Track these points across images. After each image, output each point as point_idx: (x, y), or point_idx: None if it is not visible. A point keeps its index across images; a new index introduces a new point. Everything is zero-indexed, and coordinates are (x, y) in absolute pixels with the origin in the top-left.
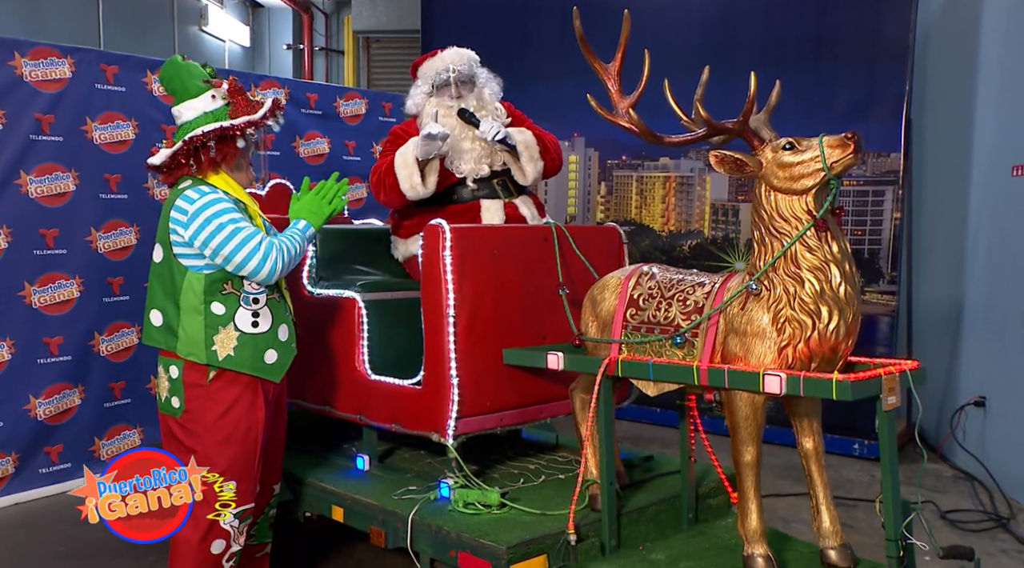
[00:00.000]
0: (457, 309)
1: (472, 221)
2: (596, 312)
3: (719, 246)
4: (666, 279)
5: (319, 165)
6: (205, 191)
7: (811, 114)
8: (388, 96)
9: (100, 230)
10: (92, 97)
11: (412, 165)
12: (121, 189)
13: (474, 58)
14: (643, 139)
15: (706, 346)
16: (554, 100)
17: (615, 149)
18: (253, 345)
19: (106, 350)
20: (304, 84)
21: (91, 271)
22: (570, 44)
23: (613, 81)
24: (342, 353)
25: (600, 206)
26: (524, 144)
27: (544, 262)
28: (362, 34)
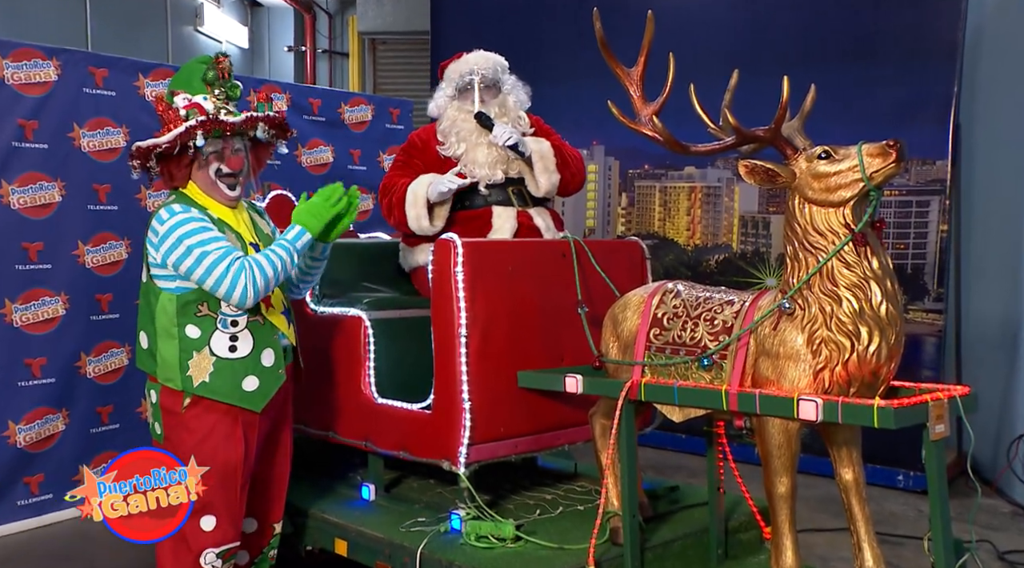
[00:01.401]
0: (469, 328)
1: (482, 228)
2: (617, 332)
3: (749, 261)
4: (692, 297)
5: (323, 175)
6: (176, 210)
7: (849, 119)
8: (396, 102)
9: (88, 244)
10: (80, 102)
11: (422, 207)
12: (111, 200)
13: (501, 63)
14: (668, 148)
15: (735, 369)
16: (571, 106)
17: (637, 158)
18: (231, 371)
19: (93, 372)
20: (306, 89)
21: (78, 287)
22: (589, 46)
23: (636, 86)
24: (347, 375)
25: (621, 219)
26: (539, 154)
27: (562, 279)
28: (368, 35)
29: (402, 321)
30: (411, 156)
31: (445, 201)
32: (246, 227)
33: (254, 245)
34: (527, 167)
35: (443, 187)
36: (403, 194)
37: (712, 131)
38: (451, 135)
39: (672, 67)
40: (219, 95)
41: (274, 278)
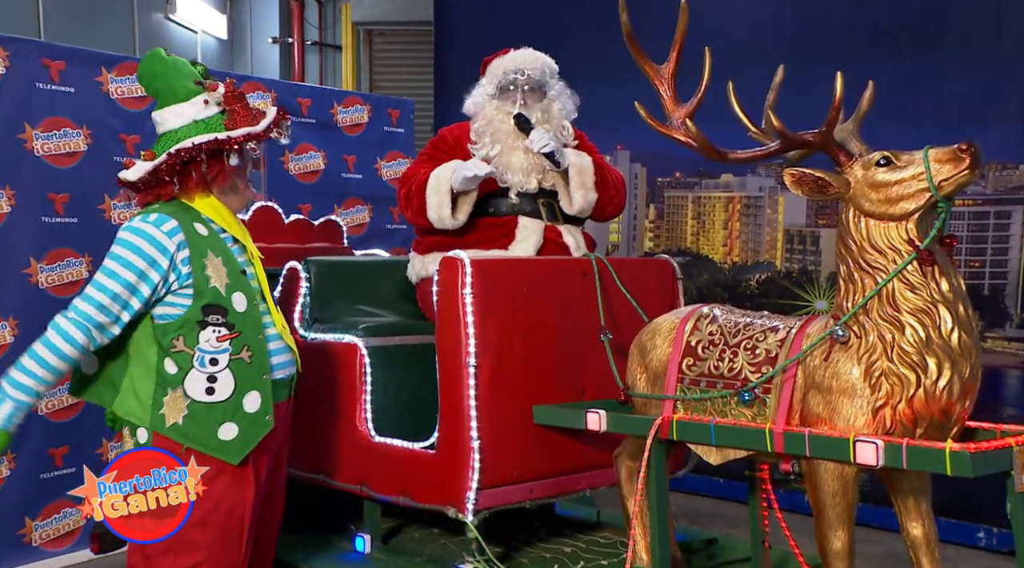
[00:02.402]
0: (479, 357)
1: (504, 237)
2: (646, 362)
3: (795, 281)
4: (730, 322)
5: (313, 184)
6: (150, 219)
7: (912, 119)
8: (395, 101)
9: (42, 261)
10: (32, 99)
11: (445, 194)
12: (70, 211)
13: (551, 66)
14: (703, 155)
15: (781, 405)
16: (592, 107)
17: (666, 164)
18: (207, 416)
19: (46, 408)
20: (294, 87)
21: (29, 311)
22: (613, 40)
23: (667, 86)
24: (340, 410)
25: (649, 233)
26: (578, 168)
27: (583, 301)
28: (363, 26)
29: (403, 349)
30: (440, 150)
31: (470, 192)
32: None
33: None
34: (563, 181)
35: (468, 172)
36: (424, 180)
37: (754, 135)
38: (486, 135)
39: (708, 63)
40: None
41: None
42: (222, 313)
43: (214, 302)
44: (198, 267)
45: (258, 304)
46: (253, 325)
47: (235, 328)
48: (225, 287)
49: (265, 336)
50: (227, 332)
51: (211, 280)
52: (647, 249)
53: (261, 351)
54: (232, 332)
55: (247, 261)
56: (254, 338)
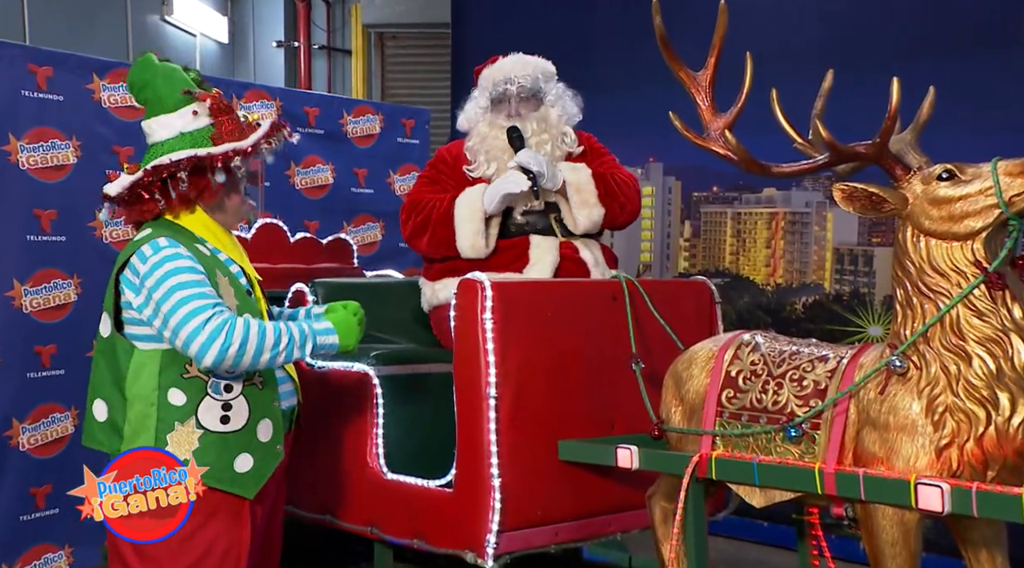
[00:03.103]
0: (500, 388)
1: (518, 260)
2: (681, 394)
3: (846, 305)
4: (774, 351)
5: (320, 199)
6: (162, 245)
7: (979, 129)
8: (409, 110)
9: (26, 283)
10: (17, 107)
11: (480, 222)
12: (57, 229)
13: (545, 69)
14: (744, 169)
15: (832, 442)
16: (622, 116)
17: (703, 178)
18: (221, 448)
19: (28, 442)
20: (301, 95)
21: (12, 337)
22: (646, 45)
23: (704, 94)
24: (350, 445)
25: (684, 252)
26: (575, 185)
27: (612, 327)
28: (375, 29)
29: (418, 378)
30: (439, 172)
31: (497, 215)
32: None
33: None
34: (565, 199)
35: (512, 188)
36: (448, 209)
37: (800, 147)
38: (480, 153)
39: (749, 69)
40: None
41: (256, 357)
42: None
43: None
44: (212, 287)
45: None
46: None
47: None
48: (235, 308)
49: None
50: None
51: (224, 300)
52: (682, 270)
53: (271, 376)
54: None
55: (249, 283)
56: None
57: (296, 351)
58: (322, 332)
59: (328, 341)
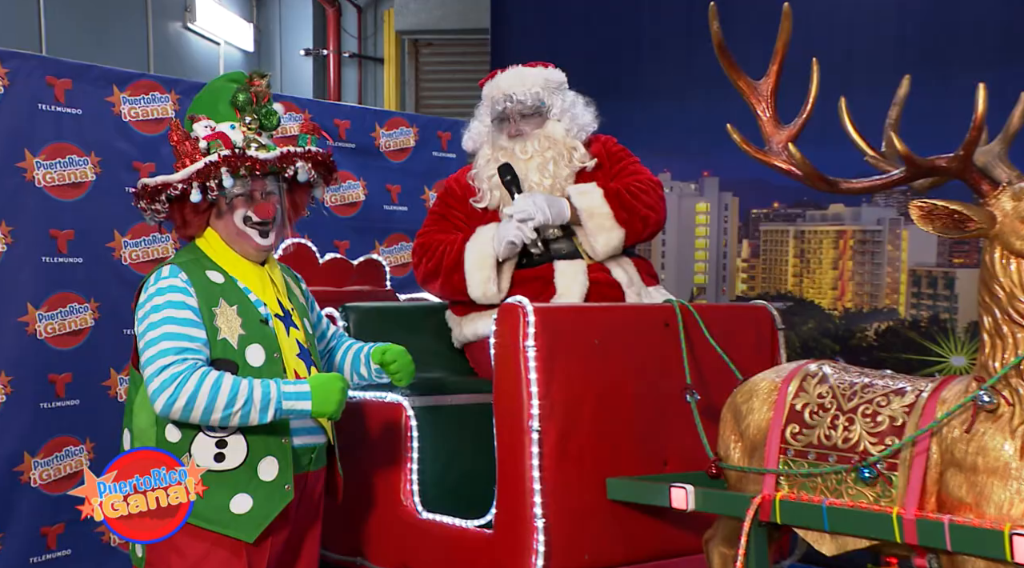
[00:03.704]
0: (543, 421)
1: (543, 290)
2: (741, 428)
3: (924, 333)
4: (844, 383)
5: (351, 217)
6: (162, 275)
7: None
8: (446, 122)
9: (41, 307)
10: (34, 122)
11: (491, 269)
12: (74, 250)
13: (549, 80)
14: (809, 185)
15: (911, 485)
16: (674, 127)
17: (763, 193)
18: (216, 487)
19: (40, 478)
20: (330, 106)
21: (25, 365)
22: (700, 51)
23: (765, 104)
24: (382, 481)
25: (742, 274)
26: (588, 211)
27: (665, 355)
28: (408, 35)
29: (455, 410)
30: (449, 206)
31: (512, 257)
32: (275, 293)
33: (280, 318)
34: (583, 229)
35: (509, 236)
36: (459, 254)
37: (872, 160)
38: (483, 181)
39: (816, 76)
40: (251, 124)
41: (205, 414)
42: (232, 369)
43: (223, 356)
44: (207, 318)
45: (280, 359)
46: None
47: None
48: (238, 339)
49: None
50: None
51: (220, 332)
52: (740, 293)
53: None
54: None
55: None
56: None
57: (255, 414)
58: (292, 396)
59: (297, 407)
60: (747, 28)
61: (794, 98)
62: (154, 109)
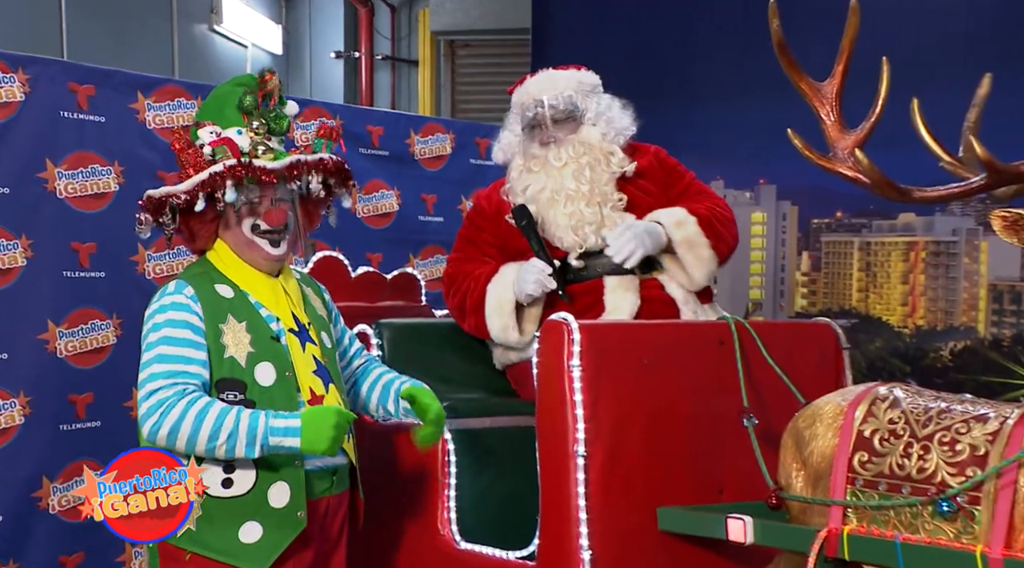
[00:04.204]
0: (590, 445)
1: (591, 308)
2: (803, 456)
3: (1007, 353)
4: (918, 407)
5: (384, 229)
6: (168, 291)
7: None
8: (484, 128)
9: (61, 324)
10: (56, 130)
11: (510, 316)
12: (96, 264)
13: (582, 83)
14: (878, 194)
15: (997, 521)
16: (727, 131)
17: (824, 202)
18: (223, 515)
19: (59, 504)
20: (363, 112)
21: (44, 385)
22: (756, 50)
23: (829, 107)
24: (417, 509)
25: (802, 289)
26: (686, 243)
27: (720, 376)
28: (444, 36)
29: (495, 433)
30: (478, 228)
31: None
32: (289, 306)
33: (293, 331)
34: (670, 259)
35: (527, 288)
36: (480, 296)
37: (948, 166)
38: (517, 195)
39: (886, 76)
40: (258, 128)
41: (190, 445)
42: (240, 389)
43: (230, 375)
44: (213, 335)
45: (293, 377)
46: (283, 402)
47: (256, 406)
48: (247, 357)
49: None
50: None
51: (227, 350)
52: (799, 309)
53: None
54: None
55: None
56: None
57: (240, 448)
58: (280, 432)
59: (285, 443)
60: (808, 25)
61: (859, 100)
62: (179, 116)
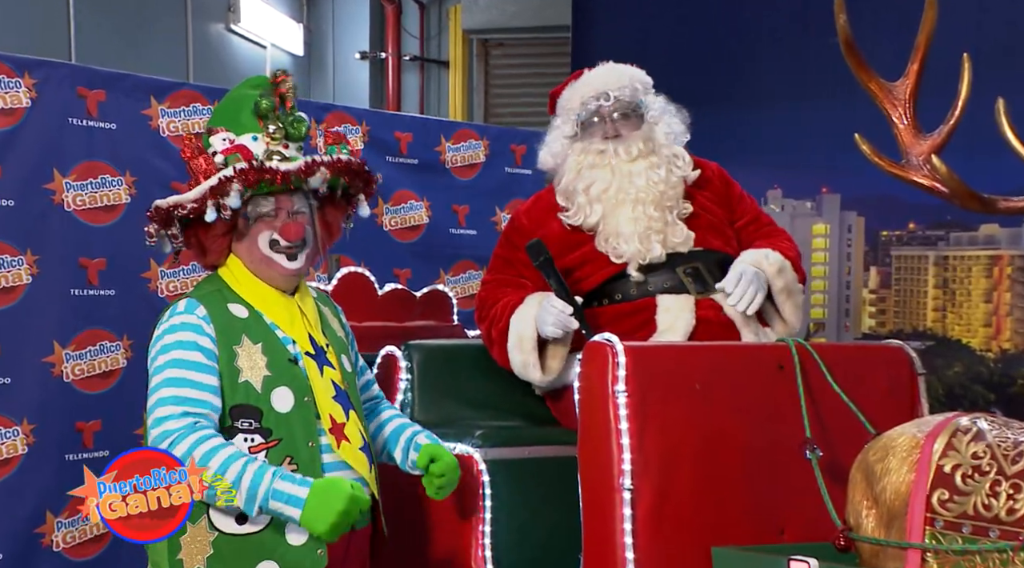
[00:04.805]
0: (637, 478)
1: (641, 328)
2: (875, 493)
3: None
4: (1006, 441)
5: (413, 242)
6: (177, 311)
7: None
8: (520, 134)
9: (68, 346)
10: (63, 138)
11: (531, 352)
12: (106, 281)
13: (643, 79)
14: (957, 204)
15: None
16: (785, 136)
17: (895, 212)
18: (237, 554)
19: (63, 541)
20: (390, 118)
21: (50, 412)
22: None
23: (903, 110)
24: (450, 546)
25: (870, 308)
26: (786, 291)
27: (780, 403)
28: (477, 35)
29: (534, 463)
30: (516, 248)
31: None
32: (306, 327)
33: (310, 355)
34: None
35: (547, 328)
36: (504, 328)
37: None
38: (577, 194)
39: (967, 75)
40: (275, 133)
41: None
42: (255, 416)
43: (245, 402)
44: (226, 358)
45: (312, 402)
46: (301, 429)
47: (273, 435)
48: (263, 381)
49: (319, 445)
50: (262, 441)
51: (242, 373)
52: (867, 330)
53: (312, 463)
54: (269, 441)
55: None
56: (301, 446)
57: (240, 501)
58: (283, 497)
59: (285, 512)
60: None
61: (933, 102)
62: (195, 122)
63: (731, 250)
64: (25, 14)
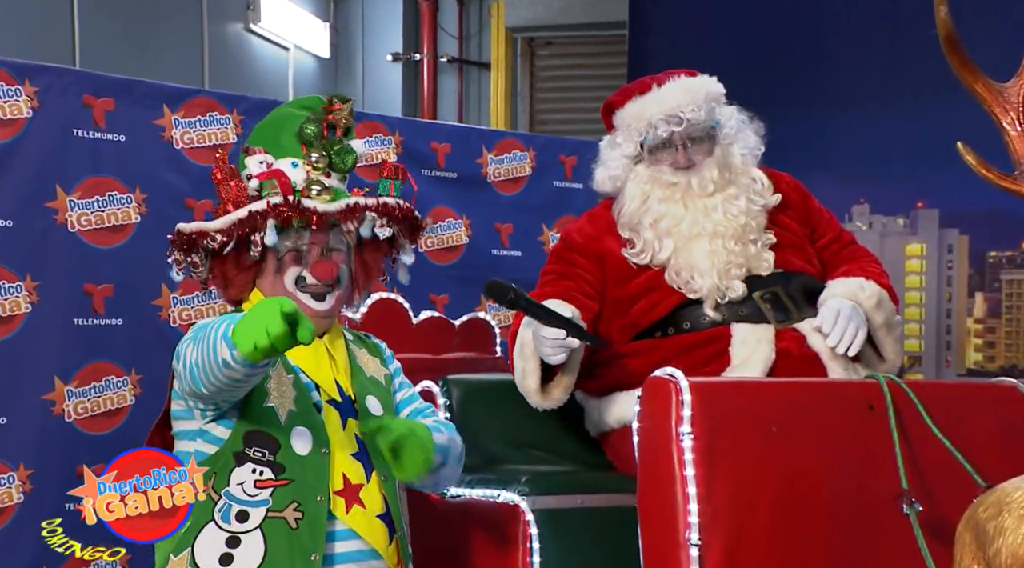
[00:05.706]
0: (705, 531)
1: (715, 361)
2: (987, 555)
3: None
4: None
5: (452, 264)
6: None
7: None
8: (570, 144)
9: (70, 382)
10: (67, 152)
11: (531, 358)
12: (113, 309)
13: (713, 92)
14: None
15: None
16: (872, 145)
17: (1003, 231)
18: None
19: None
20: (426, 126)
21: (48, 454)
22: (907, 45)
23: (1015, 115)
24: None
25: (976, 339)
26: (886, 327)
27: (870, 449)
28: (522, 33)
29: (588, 514)
30: (570, 264)
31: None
32: (332, 373)
33: (334, 404)
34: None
35: (549, 356)
36: (516, 331)
37: None
38: (644, 229)
39: None
40: (317, 161)
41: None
42: (271, 447)
43: (261, 428)
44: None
45: (329, 456)
46: (315, 478)
47: (285, 473)
48: (287, 415)
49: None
50: (271, 476)
51: (269, 397)
52: (973, 365)
53: (317, 517)
54: (279, 478)
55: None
56: (312, 496)
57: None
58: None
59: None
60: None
61: None
62: (212, 133)
63: (813, 270)
64: (25, 15)
